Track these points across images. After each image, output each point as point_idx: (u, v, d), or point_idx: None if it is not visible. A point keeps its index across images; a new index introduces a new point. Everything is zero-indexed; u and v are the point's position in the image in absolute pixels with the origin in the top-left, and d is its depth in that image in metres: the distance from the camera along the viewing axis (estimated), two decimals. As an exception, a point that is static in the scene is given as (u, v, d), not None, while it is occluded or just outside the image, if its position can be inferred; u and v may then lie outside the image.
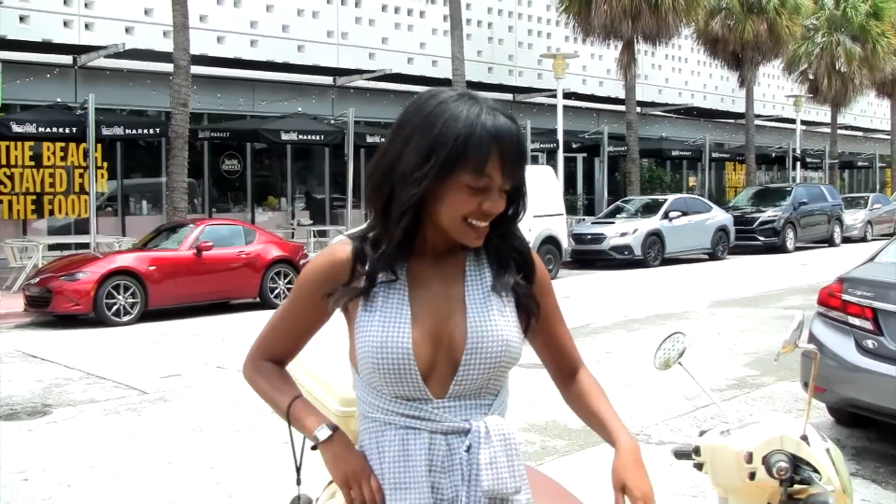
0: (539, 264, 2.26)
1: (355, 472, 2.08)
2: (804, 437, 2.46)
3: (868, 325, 6.67)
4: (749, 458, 2.42)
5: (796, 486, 2.39)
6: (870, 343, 6.60)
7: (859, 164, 48.45)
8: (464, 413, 2.08)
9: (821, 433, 2.55)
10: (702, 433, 2.72)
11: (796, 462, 2.39)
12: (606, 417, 2.28)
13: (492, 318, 2.09)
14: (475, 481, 2.03)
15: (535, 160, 29.01)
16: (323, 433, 2.13)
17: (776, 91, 43.52)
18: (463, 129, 2.00)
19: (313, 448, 2.17)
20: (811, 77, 40.94)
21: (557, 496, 3.16)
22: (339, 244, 2.17)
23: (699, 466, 2.66)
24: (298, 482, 2.31)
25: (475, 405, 2.10)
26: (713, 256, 26.43)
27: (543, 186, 21.58)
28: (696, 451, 2.66)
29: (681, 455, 2.78)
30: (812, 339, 7.04)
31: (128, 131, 20.59)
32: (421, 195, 2.02)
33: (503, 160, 2.00)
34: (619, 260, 24.22)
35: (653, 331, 12.96)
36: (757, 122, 37.94)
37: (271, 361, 2.29)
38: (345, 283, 2.10)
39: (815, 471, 2.40)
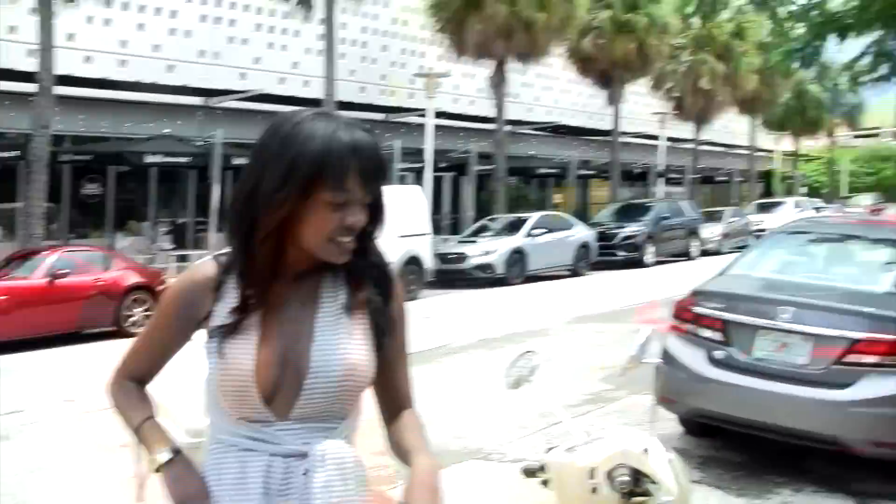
0: (398, 290, 2.26)
1: (191, 495, 2.09)
2: (646, 450, 2.50)
3: (718, 335, 6.88)
4: (592, 474, 2.45)
5: (638, 499, 2.43)
6: (719, 353, 6.80)
7: (719, 178, 49.82)
8: (306, 436, 2.08)
9: (665, 445, 2.60)
10: (549, 449, 2.74)
11: (638, 475, 2.43)
12: (411, 443, 2.22)
13: (338, 342, 2.09)
14: None
15: (403, 180, 29.04)
16: (163, 456, 2.14)
17: (643, 108, 44.46)
18: (319, 147, 2.00)
19: (156, 471, 2.16)
20: (676, 94, 42.02)
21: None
22: (200, 264, 2.20)
23: (545, 483, 2.68)
24: (140, 499, 2.30)
25: (319, 428, 2.09)
26: (575, 272, 26.52)
27: (410, 206, 21.62)
28: (543, 468, 2.68)
29: (529, 472, 2.80)
30: (665, 352, 7.18)
31: (-20, 153, 19.93)
32: (282, 217, 2.02)
33: (362, 174, 2.01)
34: (482, 279, 24.08)
35: (511, 349, 12.83)
36: (623, 139, 38.70)
37: (133, 381, 2.29)
38: (205, 314, 2.13)
39: (655, 482, 2.45)
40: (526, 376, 3.06)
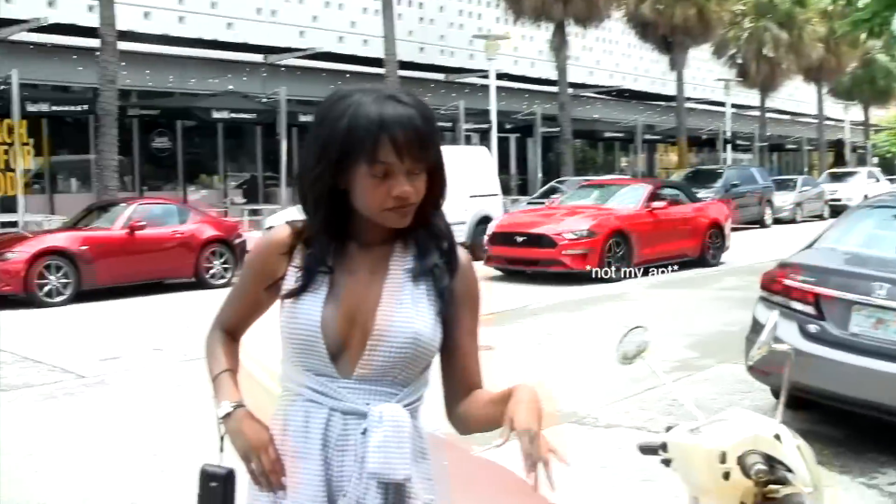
0: (466, 265, 2.28)
1: (253, 446, 2.18)
2: (777, 436, 2.44)
3: (810, 309, 6.75)
4: (723, 458, 2.39)
5: (770, 486, 2.37)
6: (812, 328, 6.68)
7: (788, 146, 49.21)
8: (366, 397, 2.15)
9: (791, 430, 2.54)
10: (668, 428, 2.69)
11: (770, 461, 2.37)
12: (495, 393, 2.24)
13: (402, 308, 2.16)
14: (364, 463, 2.09)
15: (468, 140, 29.01)
16: (222, 410, 2.27)
17: (706, 74, 43.99)
18: (346, 124, 2.08)
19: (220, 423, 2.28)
20: (740, 61, 41.48)
21: (507, 481, 3.13)
22: (277, 229, 2.28)
23: (666, 462, 2.63)
24: (221, 449, 2.33)
25: (380, 392, 2.16)
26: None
27: (478, 167, 21.58)
28: (664, 447, 2.62)
29: (647, 450, 2.75)
30: (754, 321, 7.11)
31: (54, 108, 20.22)
32: (326, 191, 2.13)
33: (396, 144, 2.05)
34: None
35: (593, 311, 13.02)
36: (687, 104, 38.32)
37: (225, 332, 2.41)
38: (281, 275, 2.22)
39: (789, 470, 2.38)
40: (638, 351, 2.98)
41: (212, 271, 16.32)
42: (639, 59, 40.82)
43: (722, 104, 41.07)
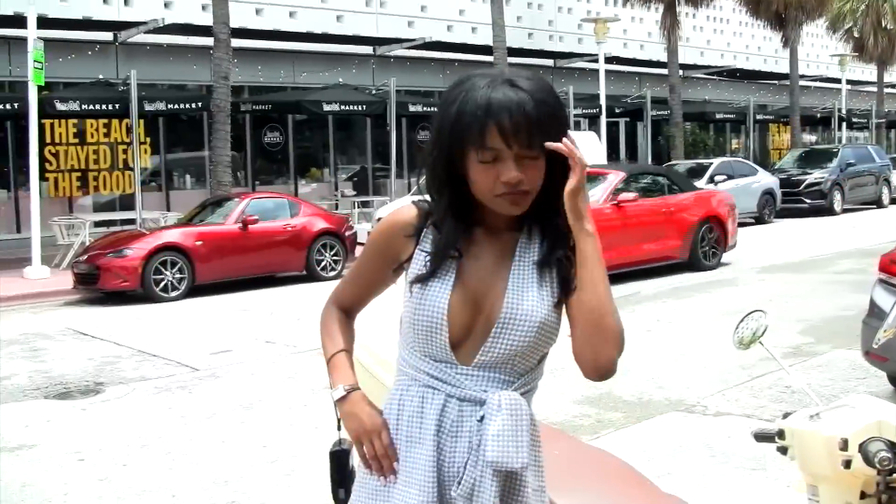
0: None
1: (366, 430, 2.21)
2: None
3: None
4: (844, 445, 2.31)
5: (894, 476, 2.28)
6: None
7: (907, 123, 47.63)
8: (485, 384, 2.15)
9: None
10: (786, 415, 2.62)
11: (894, 450, 2.28)
12: None
13: (528, 297, 2.15)
14: (482, 451, 2.09)
15: (577, 126, 28.82)
16: (337, 393, 2.28)
17: (820, 51, 42.87)
18: (455, 109, 2.09)
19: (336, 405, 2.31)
20: (856, 35, 40.33)
21: (616, 470, 3.09)
22: (404, 208, 2.28)
23: (783, 450, 2.56)
24: (339, 427, 2.38)
25: (499, 379, 2.16)
26: (760, 220, 26.02)
27: (587, 151, 21.37)
28: (781, 434, 2.56)
29: (762, 437, 2.69)
30: (872, 305, 6.90)
31: (170, 106, 20.64)
32: (446, 177, 2.14)
33: (503, 129, 2.04)
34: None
35: (702, 298, 12.83)
36: (801, 82, 37.36)
37: (341, 310, 2.43)
38: (406, 257, 2.24)
39: None
40: (751, 337, 2.89)
41: (322, 264, 16.46)
42: (750, 37, 39.98)
43: (837, 81, 39.96)
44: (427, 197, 2.25)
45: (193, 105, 21.25)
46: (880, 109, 42.37)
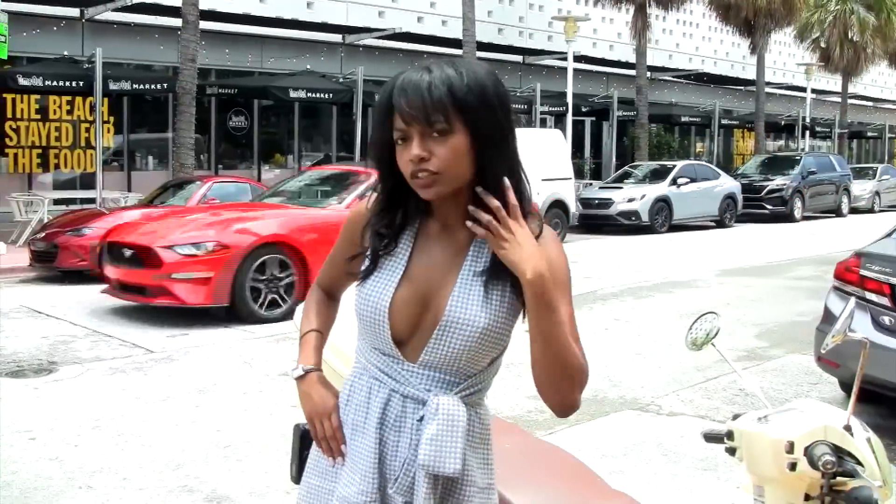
0: (546, 243, 2.13)
1: (317, 411, 2.26)
2: (847, 427, 2.37)
3: (885, 301, 6.60)
4: (790, 448, 2.34)
5: (838, 479, 2.31)
6: (887, 320, 6.54)
7: (869, 134, 48.19)
8: (429, 383, 2.15)
9: (861, 422, 2.47)
10: (735, 416, 2.65)
11: (839, 453, 2.31)
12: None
13: (472, 302, 2.11)
14: (417, 452, 2.11)
15: (543, 123, 28.87)
16: (296, 372, 2.33)
17: (787, 59, 43.24)
18: (379, 98, 2.14)
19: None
20: (823, 45, 40.72)
21: (567, 466, 3.11)
22: (366, 201, 2.29)
23: (731, 451, 2.59)
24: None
25: (443, 380, 2.15)
26: (720, 224, 26.36)
27: (551, 149, 21.50)
28: (730, 435, 2.58)
29: (711, 438, 2.72)
30: (827, 311, 6.98)
31: (135, 86, 20.46)
32: (379, 164, 2.17)
33: (401, 106, 2.06)
34: (626, 225, 24.20)
35: (661, 299, 12.90)
36: (767, 89, 37.75)
37: (322, 290, 2.48)
38: (364, 248, 2.24)
39: (859, 463, 2.31)
40: (704, 338, 2.92)
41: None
42: (719, 42, 40.25)
43: (802, 89, 40.36)
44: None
45: (159, 86, 21.09)
46: (843, 120, 42.84)
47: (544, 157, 20.58)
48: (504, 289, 2.12)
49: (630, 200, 24.35)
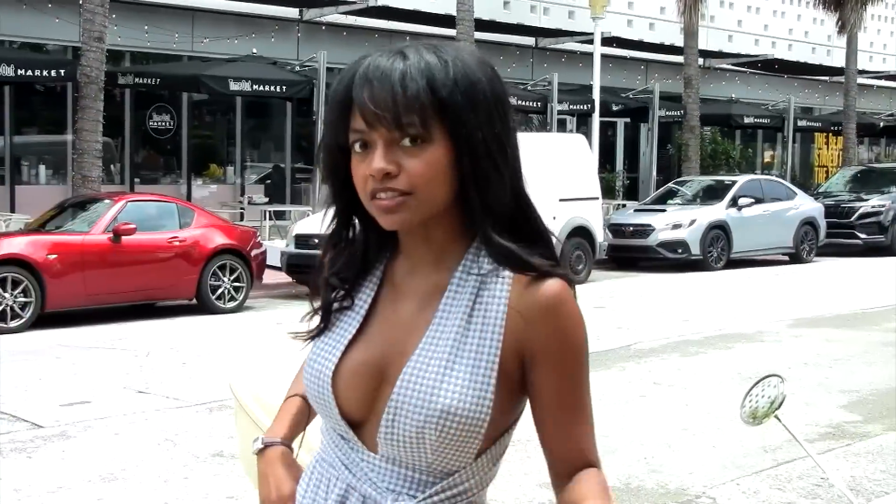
0: (549, 296, 2.06)
1: (271, 498, 2.27)
2: None
3: None
4: None
5: None
6: None
7: None
8: (393, 481, 2.10)
9: None
10: None
11: None
12: None
13: (430, 371, 2.04)
14: None
15: (562, 126, 28.93)
16: (256, 445, 2.35)
17: (888, 39, 43.39)
18: (330, 94, 2.11)
19: None
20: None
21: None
22: None
23: None
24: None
25: (411, 479, 2.09)
26: (796, 258, 26.38)
27: (572, 160, 21.54)
28: None
29: None
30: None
31: (20, 72, 20.42)
32: (338, 186, 2.13)
33: (362, 103, 2.00)
34: (671, 260, 24.21)
35: (716, 357, 12.90)
36: (860, 80, 37.89)
37: None
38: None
39: None
40: (766, 408, 2.90)
41: (219, 291, 16.49)
42: (795, 18, 40.43)
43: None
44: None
45: (54, 72, 21.07)
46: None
47: (563, 169, 20.63)
48: (490, 353, 2.05)
49: (675, 227, 24.34)
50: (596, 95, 27.63)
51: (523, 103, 27.61)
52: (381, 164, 1.97)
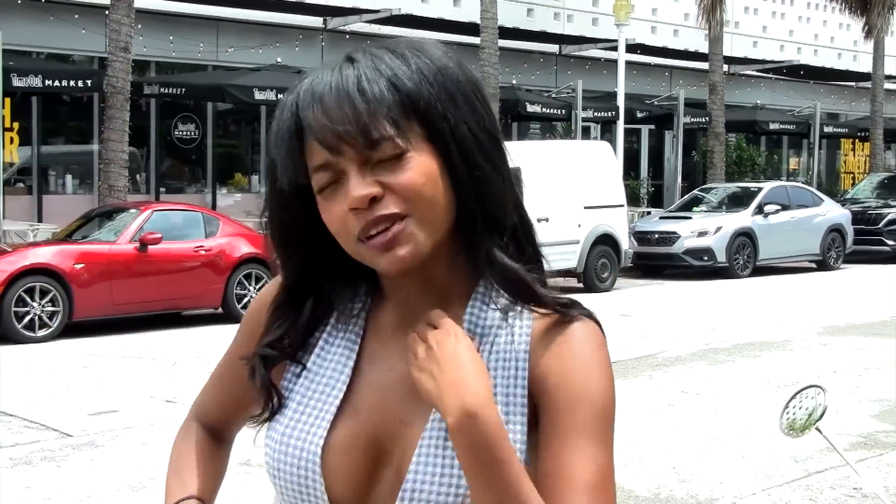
0: (572, 332, 1.71)
1: None
2: None
3: None
4: None
5: None
6: None
7: None
8: None
9: None
10: None
11: None
12: None
13: (447, 459, 1.66)
14: None
15: (586, 133, 28.90)
16: None
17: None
18: (272, 128, 1.71)
19: None
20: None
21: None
22: (273, 281, 1.92)
23: None
24: None
25: None
26: (823, 265, 26.33)
27: (597, 168, 21.47)
28: None
29: None
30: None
31: (48, 82, 20.49)
32: (292, 232, 1.78)
33: (317, 127, 1.63)
34: (696, 267, 24.27)
35: (744, 365, 12.86)
36: (887, 85, 37.73)
37: (205, 427, 2.06)
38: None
39: None
40: (806, 420, 2.87)
41: (245, 300, 16.44)
42: (821, 23, 40.29)
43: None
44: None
45: (80, 83, 21.13)
46: None
47: (588, 177, 20.60)
48: (518, 416, 1.70)
49: (701, 235, 24.39)
50: (620, 102, 27.61)
51: (547, 111, 27.70)
52: (361, 189, 1.61)
